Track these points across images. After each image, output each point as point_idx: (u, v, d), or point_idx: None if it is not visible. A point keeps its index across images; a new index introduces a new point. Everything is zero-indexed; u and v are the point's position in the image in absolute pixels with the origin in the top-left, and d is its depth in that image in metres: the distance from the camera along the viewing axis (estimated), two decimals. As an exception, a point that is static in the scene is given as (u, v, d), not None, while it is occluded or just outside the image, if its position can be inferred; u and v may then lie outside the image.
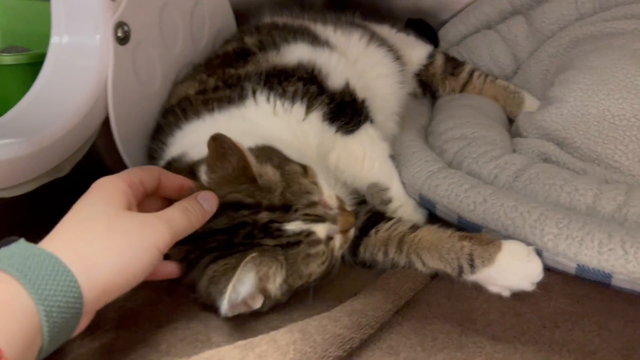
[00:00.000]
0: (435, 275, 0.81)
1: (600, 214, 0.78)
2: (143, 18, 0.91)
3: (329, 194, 0.75)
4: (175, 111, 0.90)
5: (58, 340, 0.50)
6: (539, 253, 0.74)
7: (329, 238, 0.72)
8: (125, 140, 0.92)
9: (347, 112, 0.91)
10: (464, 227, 0.84)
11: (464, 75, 1.30)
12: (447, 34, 1.53)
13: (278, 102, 0.86)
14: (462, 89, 1.30)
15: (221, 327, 0.69)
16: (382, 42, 1.17)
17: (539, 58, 1.30)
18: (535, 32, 1.34)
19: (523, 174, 0.87)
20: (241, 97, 0.86)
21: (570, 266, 0.72)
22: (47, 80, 0.86)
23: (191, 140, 0.83)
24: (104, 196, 0.60)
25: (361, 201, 0.95)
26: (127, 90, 0.90)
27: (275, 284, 0.67)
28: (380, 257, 0.84)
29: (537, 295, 0.75)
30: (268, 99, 0.86)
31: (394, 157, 0.97)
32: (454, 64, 1.31)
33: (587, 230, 0.71)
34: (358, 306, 0.68)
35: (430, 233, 0.81)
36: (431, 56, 1.32)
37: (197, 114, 0.86)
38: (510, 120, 1.23)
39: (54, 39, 0.86)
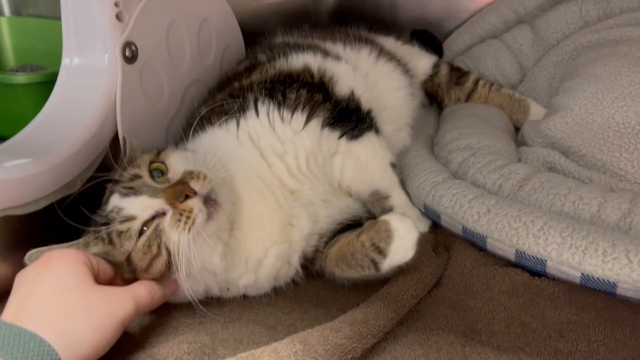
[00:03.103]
0: (438, 285, 0.81)
1: (605, 222, 0.77)
2: (150, 37, 0.93)
3: (176, 170, 0.73)
4: (195, 129, 0.91)
5: None
6: (542, 262, 0.74)
7: (158, 215, 0.68)
8: (134, 156, 0.94)
9: (351, 118, 0.91)
10: (469, 238, 0.84)
11: (469, 84, 1.30)
12: (453, 44, 1.53)
13: (276, 113, 0.85)
14: (468, 98, 1.31)
15: (227, 340, 0.70)
16: (391, 57, 1.18)
17: (544, 66, 1.30)
18: (540, 41, 1.34)
19: (527, 184, 0.87)
20: (242, 109, 0.86)
21: (574, 275, 0.71)
22: (58, 100, 0.89)
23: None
24: (70, 269, 0.62)
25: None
26: (135, 108, 0.92)
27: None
28: (326, 271, 0.84)
29: (542, 305, 0.75)
30: (268, 110, 0.85)
31: (395, 166, 0.97)
32: (458, 74, 1.32)
33: (591, 240, 0.70)
34: (360, 316, 0.68)
35: (336, 248, 0.82)
36: (436, 66, 1.33)
37: (203, 128, 0.88)
38: (517, 129, 1.23)
39: (65, 61, 0.89)
